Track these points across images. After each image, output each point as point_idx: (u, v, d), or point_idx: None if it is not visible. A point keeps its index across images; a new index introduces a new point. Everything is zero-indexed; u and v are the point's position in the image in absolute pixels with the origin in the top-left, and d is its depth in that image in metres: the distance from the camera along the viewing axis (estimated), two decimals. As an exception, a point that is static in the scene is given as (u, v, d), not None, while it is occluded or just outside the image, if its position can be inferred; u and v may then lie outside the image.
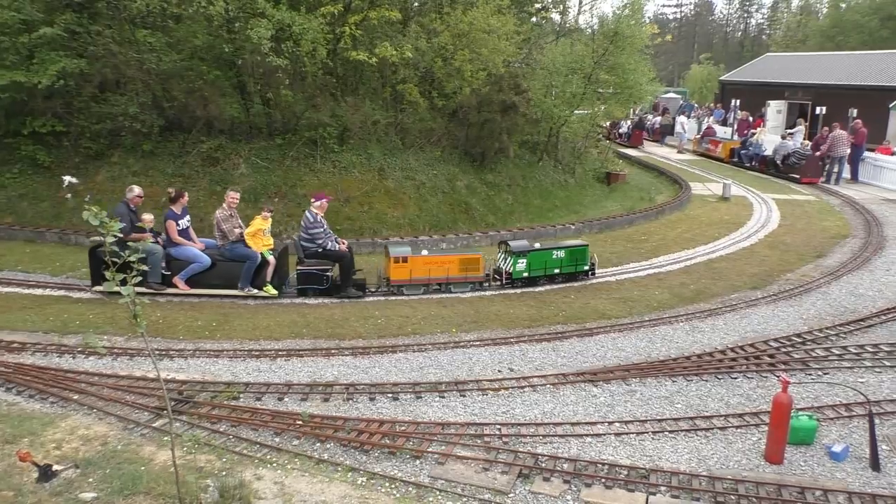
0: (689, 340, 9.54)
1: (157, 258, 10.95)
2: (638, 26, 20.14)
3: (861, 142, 23.24)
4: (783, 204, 19.57)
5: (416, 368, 8.49)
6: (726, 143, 29.09)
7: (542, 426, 7.03)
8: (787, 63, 39.39)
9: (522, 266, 11.95)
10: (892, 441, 6.82)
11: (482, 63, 17.39)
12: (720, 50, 78.33)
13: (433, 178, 16.62)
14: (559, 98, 19.91)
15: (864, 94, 28.97)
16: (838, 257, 13.91)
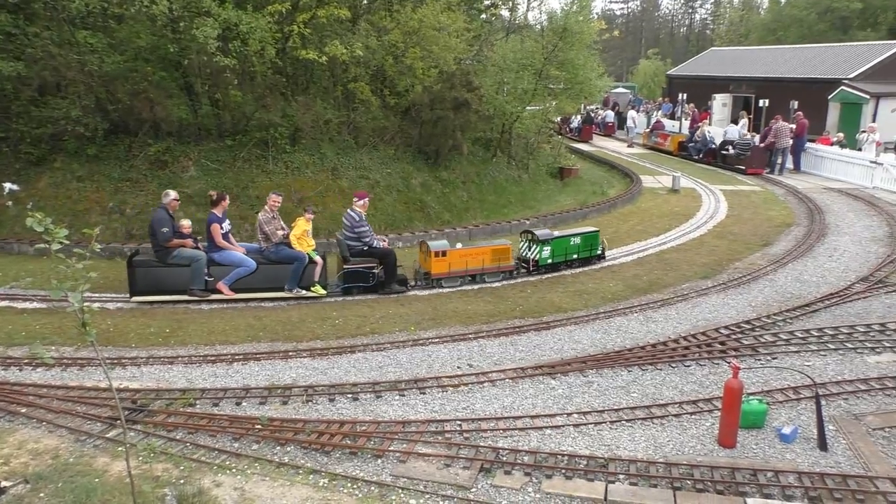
0: (644, 331, 9.72)
1: (200, 265, 10.75)
2: (586, 22, 20.41)
3: (802, 133, 23.99)
4: (730, 195, 20.08)
5: (376, 368, 8.47)
6: (675, 136, 29.71)
7: (503, 420, 7.08)
8: (730, 57, 40.39)
9: (547, 253, 12.48)
10: (838, 421, 7.07)
11: (433, 60, 17.40)
12: (667, 45, 79.84)
13: (387, 176, 16.58)
14: (511, 94, 20.06)
15: (805, 86, 29.91)
16: (783, 245, 14.34)
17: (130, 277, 10.68)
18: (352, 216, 11.50)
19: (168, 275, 10.71)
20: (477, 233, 15.52)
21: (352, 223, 11.45)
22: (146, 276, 10.68)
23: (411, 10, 17.53)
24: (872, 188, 20.56)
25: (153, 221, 10.67)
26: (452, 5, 18.27)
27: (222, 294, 10.90)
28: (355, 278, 11.40)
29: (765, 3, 67.82)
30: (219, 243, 10.91)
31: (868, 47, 32.18)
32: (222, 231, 10.98)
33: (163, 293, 10.74)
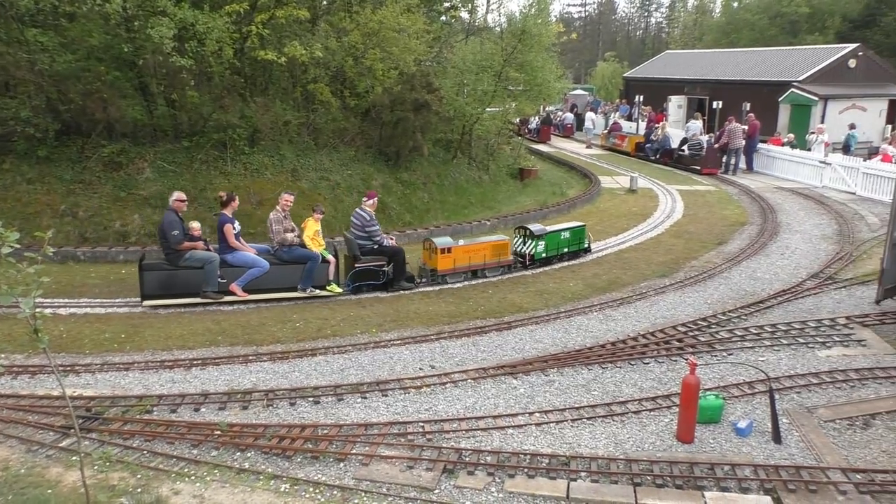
0: (604, 329, 9.85)
1: (213, 266, 10.63)
2: (544, 25, 20.62)
3: (754, 134, 24.60)
4: (686, 194, 20.47)
5: (337, 370, 8.42)
6: (632, 137, 30.16)
7: (465, 421, 7.10)
8: (685, 60, 41.16)
9: (542, 247, 13.01)
10: (791, 415, 7.26)
11: (393, 62, 17.37)
12: (623, 47, 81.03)
13: (348, 178, 16.49)
14: (471, 96, 20.15)
15: (757, 88, 30.64)
16: (738, 244, 14.67)
17: (141, 281, 10.51)
18: (362, 215, 11.64)
19: (180, 278, 10.59)
20: (438, 234, 15.51)
21: (362, 222, 11.58)
22: (157, 280, 10.55)
23: (371, 12, 17.47)
24: (822, 187, 21.17)
25: (163, 224, 10.50)
26: (412, 7, 18.27)
27: (236, 295, 10.80)
28: (366, 277, 11.54)
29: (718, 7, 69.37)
30: (232, 244, 10.82)
31: (816, 51, 33.13)
32: (236, 231, 10.91)
33: (174, 296, 10.61)
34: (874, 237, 14.59)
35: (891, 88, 30.44)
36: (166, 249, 10.57)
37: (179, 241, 10.50)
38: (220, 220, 10.87)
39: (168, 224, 10.44)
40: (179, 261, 10.56)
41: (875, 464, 6.37)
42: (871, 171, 19.80)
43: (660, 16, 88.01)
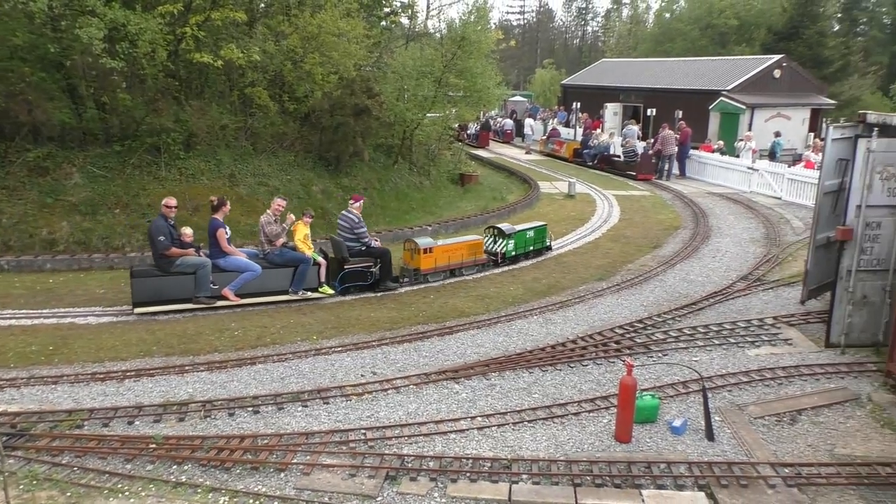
0: (544, 332, 9.98)
1: (206, 272, 10.54)
2: (483, 32, 20.79)
3: (686, 140, 25.39)
4: (622, 199, 20.95)
5: (277, 379, 8.29)
6: (570, 143, 30.71)
7: (407, 427, 7.09)
8: (620, 68, 42.15)
9: (511, 246, 13.54)
10: (723, 412, 7.51)
11: (333, 66, 17.24)
12: (561, 55, 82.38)
13: (287, 183, 16.27)
14: (411, 101, 20.16)
15: (688, 97, 31.59)
16: (672, 247, 15.10)
17: (132, 288, 10.34)
18: (350, 218, 11.84)
19: (171, 284, 10.46)
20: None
21: (351, 224, 11.80)
22: (148, 287, 10.39)
23: (310, 16, 17.30)
24: (750, 192, 21.99)
25: (150, 229, 10.41)
26: (352, 12, 18.18)
27: (228, 300, 10.72)
28: (355, 278, 11.69)
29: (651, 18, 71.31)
30: (225, 249, 10.78)
31: (744, 61, 34.40)
32: (227, 236, 10.88)
33: (166, 303, 10.46)
34: (799, 240, 15.24)
35: (813, 98, 31.87)
36: (156, 255, 10.45)
37: (166, 246, 10.35)
38: (212, 224, 10.81)
39: (154, 229, 10.33)
40: (171, 267, 10.44)
41: (801, 458, 6.64)
42: (796, 176, 20.68)
43: (596, 25, 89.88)
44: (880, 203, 8.76)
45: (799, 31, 46.00)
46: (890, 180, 8.69)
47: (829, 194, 9.82)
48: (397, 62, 21.37)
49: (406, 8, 25.21)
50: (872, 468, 6.36)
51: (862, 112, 9.69)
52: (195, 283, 10.52)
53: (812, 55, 44.53)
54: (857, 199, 8.76)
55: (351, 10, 18.12)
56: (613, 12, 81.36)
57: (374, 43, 20.82)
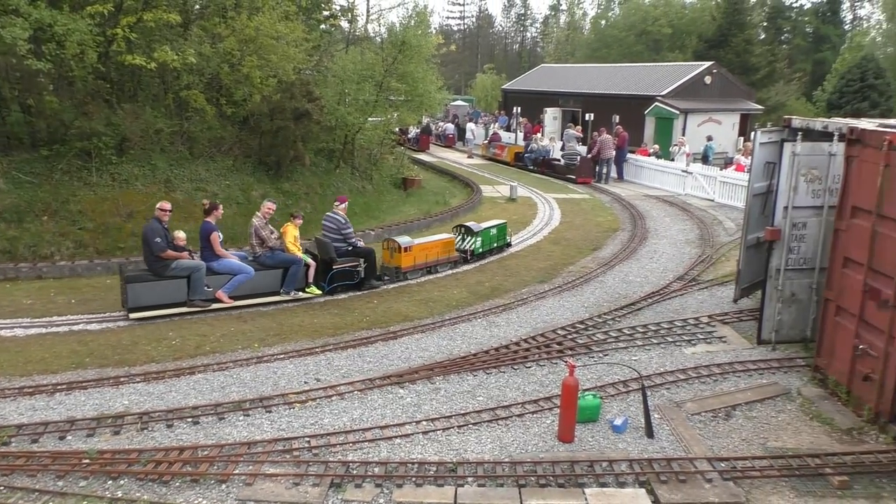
0: (487, 335, 10.05)
1: (200, 275, 10.60)
2: (424, 36, 20.85)
3: (623, 144, 25.99)
4: (563, 203, 21.28)
5: (218, 388, 8.10)
6: (511, 147, 31.05)
7: (352, 433, 7.03)
8: (559, 73, 42.89)
9: (479, 243, 14.10)
10: (662, 410, 7.70)
11: (272, 70, 16.99)
12: (501, 60, 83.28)
13: (226, 188, 15.95)
14: (352, 105, 20.04)
15: (625, 102, 32.40)
16: (611, 249, 15.41)
17: (125, 294, 10.25)
18: (336, 219, 12.13)
19: (164, 288, 10.43)
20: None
21: (338, 225, 12.08)
22: (142, 291, 10.32)
23: (247, 18, 17.01)
24: (684, 195, 22.64)
25: (145, 232, 10.38)
26: (290, 15, 17.96)
27: (223, 302, 10.80)
28: (342, 277, 11.91)
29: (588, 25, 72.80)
30: (218, 252, 10.86)
31: (677, 67, 35.48)
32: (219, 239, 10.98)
33: (160, 307, 10.41)
34: (731, 241, 15.76)
35: (742, 103, 33.08)
36: (150, 259, 10.41)
37: (162, 248, 10.33)
38: (205, 228, 10.85)
39: (150, 231, 10.30)
40: (165, 271, 10.42)
41: (736, 452, 6.87)
42: (727, 179, 21.40)
43: (535, 31, 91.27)
44: (805, 204, 9.14)
45: (728, 39, 47.75)
46: (814, 182, 9.07)
47: (759, 196, 10.18)
48: (338, 66, 21.23)
49: (346, 11, 25.03)
50: (803, 460, 6.62)
51: (787, 117, 10.11)
52: (190, 286, 10.57)
53: (740, 62, 46.26)
54: (783, 200, 9.12)
55: (289, 13, 17.90)
56: (551, 18, 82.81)
57: (314, 46, 20.60)
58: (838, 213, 8.23)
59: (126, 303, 10.30)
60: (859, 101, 43.60)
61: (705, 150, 25.80)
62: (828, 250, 8.66)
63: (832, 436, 7.23)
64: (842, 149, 8.38)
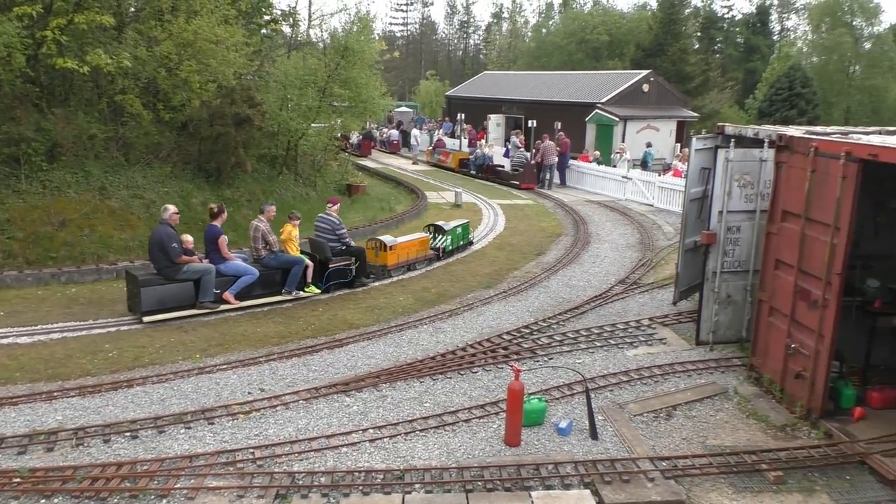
0: (434, 341, 10.05)
1: (210, 277, 10.85)
2: (367, 42, 20.78)
3: (565, 151, 26.44)
4: (507, 208, 21.49)
5: (158, 401, 7.88)
6: (455, 153, 31.22)
7: (297, 443, 6.94)
8: (502, 81, 43.35)
9: (449, 241, 14.87)
10: (606, 411, 7.84)
11: (211, 74, 16.64)
12: (445, 67, 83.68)
13: (165, 195, 15.52)
14: (295, 111, 19.81)
15: (567, 109, 32.97)
16: (555, 254, 15.63)
17: (137, 298, 10.40)
18: (331, 220, 12.57)
19: (174, 291, 10.62)
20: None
21: (332, 226, 12.53)
22: (154, 295, 10.47)
23: (185, 22, 16.62)
24: (625, 200, 23.15)
25: (162, 238, 10.46)
26: (230, 19, 17.63)
27: (230, 304, 11.06)
28: (337, 276, 12.33)
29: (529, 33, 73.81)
30: (225, 255, 11.15)
31: (616, 75, 36.32)
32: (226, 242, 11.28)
33: (170, 310, 10.60)
34: (670, 244, 16.19)
35: (678, 111, 34.06)
36: (162, 263, 10.53)
37: (179, 253, 10.57)
38: (212, 231, 11.10)
39: (168, 237, 10.45)
40: (177, 274, 10.58)
41: (677, 451, 7.05)
42: (665, 185, 21.99)
43: (478, 38, 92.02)
44: (739, 209, 9.46)
45: (664, 48, 49.15)
46: (746, 187, 9.40)
47: (695, 201, 10.48)
48: (280, 71, 20.96)
49: (287, 16, 24.72)
50: (740, 457, 6.83)
51: (720, 124, 10.45)
52: (200, 288, 10.79)
53: (676, 71, 47.66)
54: (718, 205, 9.42)
55: (229, 17, 17.57)
56: (494, 26, 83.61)
57: (255, 51, 20.29)
58: (769, 217, 8.55)
59: (140, 307, 10.38)
60: (788, 108, 45.46)
61: (645, 156, 26.48)
62: (760, 253, 8.99)
63: (767, 433, 7.49)
64: (772, 155, 8.72)
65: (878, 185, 8.25)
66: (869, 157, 6.77)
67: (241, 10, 19.12)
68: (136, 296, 10.41)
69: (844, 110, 53.98)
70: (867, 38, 56.49)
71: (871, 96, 54.52)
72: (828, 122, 46.18)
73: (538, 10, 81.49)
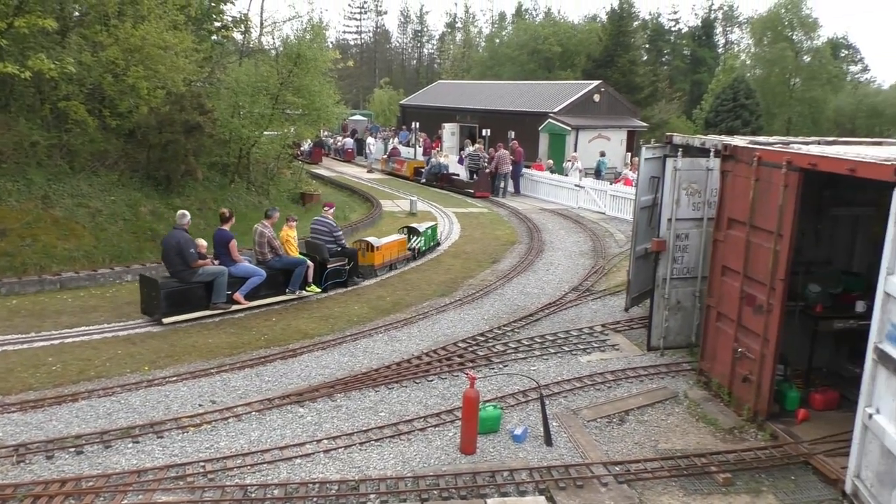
0: (389, 350, 10.01)
1: (223, 279, 11.31)
2: (320, 50, 20.65)
3: (519, 160, 26.69)
4: (462, 217, 21.57)
5: (104, 415, 7.66)
6: (410, 162, 31.23)
7: (250, 455, 6.82)
8: (456, 90, 43.60)
9: (422, 242, 15.78)
10: (560, 418, 7.91)
11: (160, 81, 16.32)
12: (399, 75, 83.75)
13: (111, 204, 15.14)
14: (247, 119, 19.55)
15: (520, 118, 33.33)
16: (509, 262, 15.75)
17: (156, 301, 10.75)
18: (328, 223, 13.31)
19: (189, 293, 11.09)
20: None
21: (330, 229, 13.25)
22: (174, 297, 10.90)
23: (132, 27, 16.26)
24: (578, 208, 23.48)
25: (180, 243, 10.90)
26: (179, 24, 17.32)
27: (240, 304, 11.52)
28: (334, 276, 12.98)
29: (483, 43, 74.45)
30: (235, 257, 11.63)
31: (568, 86, 36.87)
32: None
33: (186, 311, 11.03)
34: (621, 252, 16.45)
35: (629, 120, 34.74)
36: (179, 267, 10.95)
37: (195, 258, 11.03)
38: (224, 235, 11.55)
39: (186, 243, 10.93)
40: (193, 277, 11.04)
41: (629, 455, 7.15)
42: (617, 193, 22.38)
43: (432, 47, 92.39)
44: (687, 216, 9.68)
45: (614, 59, 50.17)
46: (694, 196, 9.63)
47: (645, 209, 10.70)
48: (231, 78, 20.66)
49: (238, 23, 24.37)
50: (690, 460, 6.97)
51: (669, 134, 10.69)
52: (213, 290, 11.25)
53: (626, 81, 48.67)
54: (667, 213, 9.62)
55: (178, 22, 17.26)
56: (447, 35, 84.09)
57: (205, 58, 19.96)
58: (716, 225, 8.78)
59: (161, 309, 10.76)
60: (733, 119, 46.88)
61: (598, 164, 26.91)
62: (708, 260, 9.21)
63: (716, 435, 7.66)
64: (718, 164, 8.95)
65: (818, 193, 8.56)
66: (809, 167, 7.01)
67: (190, 15, 18.80)
68: (156, 299, 10.74)
69: (786, 121, 55.97)
70: (806, 51, 58.75)
71: (811, 108, 56.68)
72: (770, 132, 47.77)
73: (491, 20, 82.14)
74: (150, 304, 10.91)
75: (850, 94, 58.34)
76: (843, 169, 6.44)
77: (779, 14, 58.38)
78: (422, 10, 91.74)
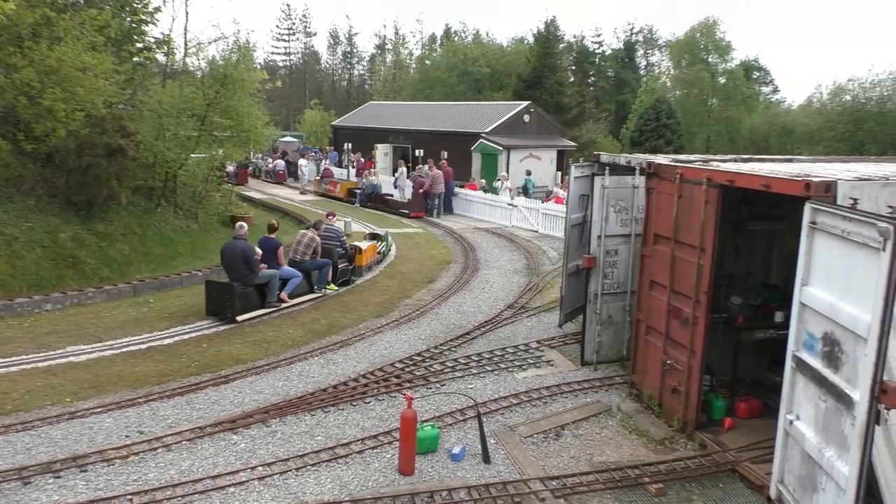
0: (325, 373, 9.88)
1: (276, 281, 12.95)
2: (248, 70, 20.42)
3: (448, 179, 26.87)
4: (397, 237, 21.52)
5: (23, 451, 7.27)
6: (344, 183, 31.07)
7: (181, 486, 6.59)
8: (388, 111, 43.71)
9: (384, 247, 18.04)
10: (498, 435, 7.95)
11: (78, 103, 15.73)
12: (330, 96, 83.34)
13: (28, 231, 14.49)
14: (172, 141, 19.09)
15: (453, 138, 33.64)
16: (445, 281, 15.81)
17: (230, 303, 12.09)
18: (336, 230, 15.41)
19: (249, 294, 12.53)
20: (143, 288, 14.34)
21: (336, 234, 15.31)
22: (243, 299, 12.33)
23: (48, 48, 15.68)
24: (511, 226, 23.80)
25: (245, 251, 12.32)
26: (98, 45, 16.79)
27: (286, 302, 13.16)
28: (342, 275, 14.93)
29: (413, 65, 75.00)
30: (281, 262, 13.29)
31: (498, 106, 37.48)
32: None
33: (250, 310, 12.46)
34: (554, 269, 16.74)
35: (558, 140, 35.52)
36: (243, 272, 12.29)
37: (258, 263, 12.57)
38: (273, 243, 13.24)
39: (251, 249, 12.45)
40: (254, 280, 12.51)
41: (566, 469, 7.24)
42: (548, 211, 22.80)
43: (362, 68, 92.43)
44: (616, 233, 9.95)
45: (542, 80, 51.27)
46: (622, 213, 9.92)
47: (576, 226, 10.94)
48: (154, 100, 20.15)
49: (161, 44, 23.81)
50: (624, 471, 7.11)
51: (596, 153, 11.00)
52: (268, 290, 12.81)
53: (554, 102, 49.80)
54: (597, 230, 9.87)
55: (97, 43, 16.72)
56: (378, 57, 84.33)
57: (127, 79, 19.40)
58: (643, 241, 9.06)
59: (235, 309, 12.08)
60: (656, 138, 48.59)
61: (525, 183, 27.40)
62: (637, 275, 9.48)
63: (648, 447, 7.85)
64: (643, 182, 9.26)
65: (737, 208, 8.95)
66: (727, 183, 7.33)
67: (110, 36, 18.29)
68: (229, 300, 12.06)
69: (705, 139, 58.36)
70: (722, 73, 61.54)
71: (728, 126, 59.31)
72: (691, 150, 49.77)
73: (422, 41, 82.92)
74: (220, 306, 12.15)
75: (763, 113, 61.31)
76: (759, 185, 6.77)
77: (695, 38, 61.04)
78: (350, 32, 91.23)
